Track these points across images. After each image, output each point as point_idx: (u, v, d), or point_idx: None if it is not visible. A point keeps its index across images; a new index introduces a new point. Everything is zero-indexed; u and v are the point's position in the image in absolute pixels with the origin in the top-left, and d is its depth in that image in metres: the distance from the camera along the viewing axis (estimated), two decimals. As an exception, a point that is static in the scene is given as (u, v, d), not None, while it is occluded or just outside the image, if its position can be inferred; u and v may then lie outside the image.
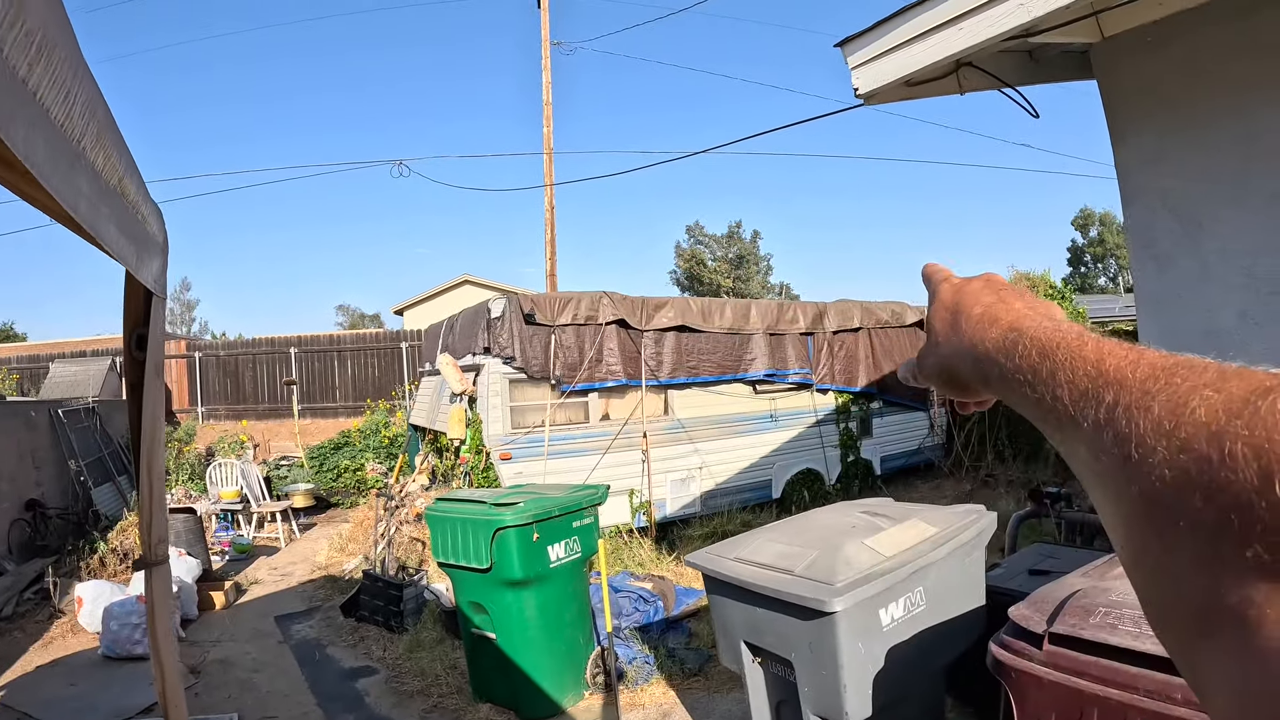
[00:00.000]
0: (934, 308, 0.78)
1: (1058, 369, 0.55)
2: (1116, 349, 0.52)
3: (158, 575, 2.55)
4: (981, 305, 0.71)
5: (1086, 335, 0.57)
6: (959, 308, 0.73)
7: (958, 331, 0.72)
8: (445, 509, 5.54)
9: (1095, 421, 0.49)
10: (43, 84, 1.27)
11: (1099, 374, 0.51)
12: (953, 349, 0.72)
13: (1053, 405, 0.55)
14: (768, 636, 3.89)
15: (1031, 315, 0.66)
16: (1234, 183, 3.78)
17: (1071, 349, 0.55)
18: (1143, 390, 0.46)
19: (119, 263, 1.92)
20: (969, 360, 0.69)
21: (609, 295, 9.89)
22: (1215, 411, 0.41)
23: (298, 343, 21.12)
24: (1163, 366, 0.47)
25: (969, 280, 0.77)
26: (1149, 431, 0.44)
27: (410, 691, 6.02)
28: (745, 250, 53.16)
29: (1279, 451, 0.36)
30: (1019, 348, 0.61)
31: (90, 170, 1.57)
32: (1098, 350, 0.53)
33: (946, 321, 0.75)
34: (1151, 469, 0.43)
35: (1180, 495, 0.41)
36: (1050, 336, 0.59)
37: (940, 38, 3.51)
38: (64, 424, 11.04)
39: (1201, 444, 0.40)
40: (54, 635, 7.51)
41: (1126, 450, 0.45)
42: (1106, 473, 0.48)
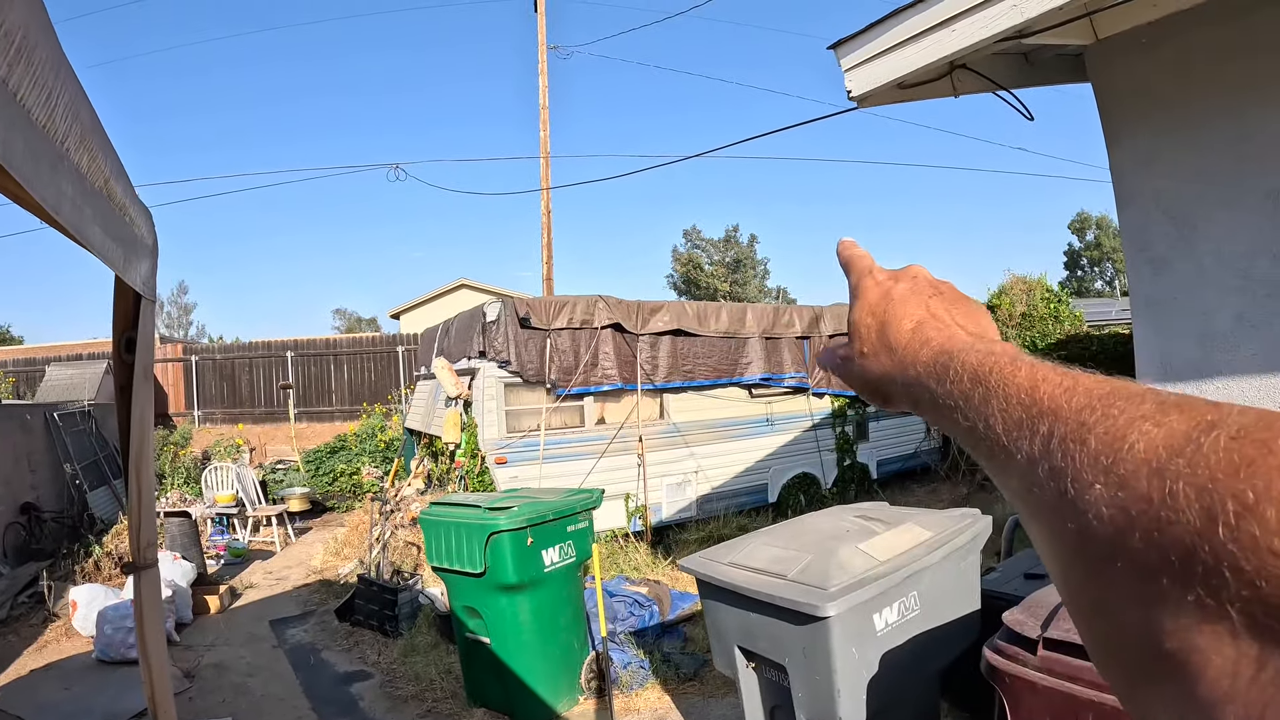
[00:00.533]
0: (858, 309, 0.74)
1: (990, 396, 0.53)
2: (1051, 375, 0.50)
3: (147, 579, 2.54)
4: (912, 320, 0.68)
5: (1020, 359, 0.54)
6: (887, 319, 0.70)
7: (887, 348, 0.68)
8: (440, 513, 5.53)
9: (1029, 454, 0.47)
10: (23, 85, 1.26)
11: (1032, 403, 0.49)
12: (881, 369, 0.69)
13: (985, 434, 0.53)
14: (762, 641, 3.88)
15: (962, 336, 0.64)
16: (1229, 184, 3.77)
17: (1004, 375, 0.53)
18: (1078, 421, 0.45)
19: (105, 264, 1.90)
20: (898, 382, 0.67)
21: (604, 299, 9.88)
22: (1155, 447, 0.39)
23: (294, 346, 21.11)
24: (1099, 395, 0.46)
25: (895, 280, 0.73)
26: (1085, 466, 0.42)
27: (405, 696, 6.00)
28: (742, 254, 53.20)
29: (1222, 493, 0.34)
30: (950, 372, 0.59)
31: (74, 172, 1.56)
32: (1031, 376, 0.51)
33: (873, 331, 0.71)
34: (1088, 506, 0.41)
35: (1119, 535, 0.39)
36: (982, 361, 0.56)
37: (933, 40, 3.51)
38: (60, 427, 11.02)
39: (1141, 482, 0.38)
40: (48, 639, 7.49)
41: (1062, 485, 0.43)
42: (1041, 507, 0.46)
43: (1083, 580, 0.43)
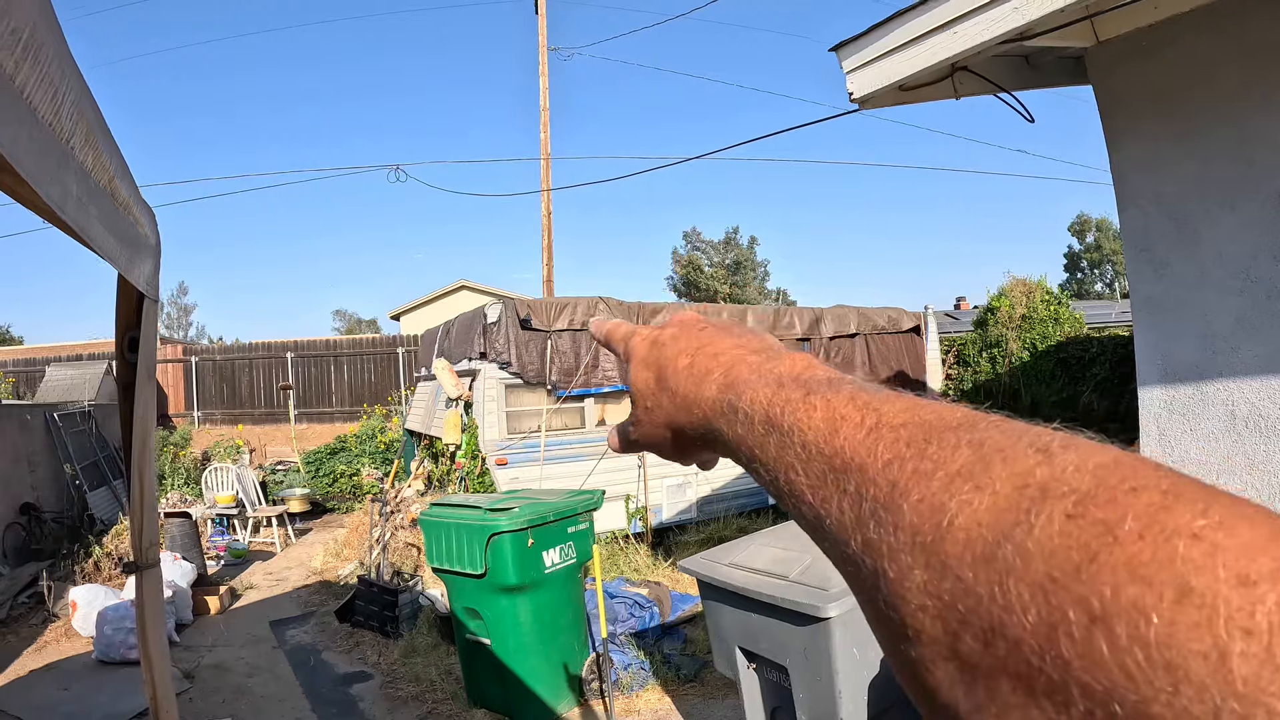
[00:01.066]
0: (631, 370, 0.64)
1: (786, 445, 0.44)
2: (850, 412, 0.42)
3: (149, 579, 2.54)
4: (686, 354, 0.59)
5: (814, 392, 0.45)
6: (662, 363, 0.61)
7: (667, 390, 0.59)
8: (440, 514, 5.53)
9: (838, 520, 0.39)
10: (30, 82, 1.26)
11: (833, 453, 0.41)
12: (666, 415, 0.59)
13: (788, 490, 0.44)
14: (762, 642, 3.88)
15: (747, 362, 0.54)
16: (1230, 186, 3.78)
17: (798, 416, 0.44)
18: (888, 482, 0.37)
19: (109, 263, 1.91)
20: (687, 426, 0.57)
21: (605, 301, 9.88)
22: (978, 526, 0.32)
23: (294, 347, 21.11)
24: (906, 438, 0.38)
25: (661, 329, 0.64)
26: (903, 545, 0.35)
27: (405, 697, 6.00)
28: (742, 256, 53.15)
29: (1062, 599, 0.28)
30: (739, 413, 0.50)
31: (79, 170, 1.56)
32: (829, 417, 0.42)
33: (649, 382, 0.61)
34: (910, 595, 0.34)
35: (949, 631, 0.32)
36: (772, 398, 0.47)
37: (935, 42, 3.52)
38: (60, 427, 11.02)
39: (967, 573, 0.31)
40: (48, 639, 7.49)
41: (879, 564, 0.36)
42: (860, 585, 0.38)
43: (914, 672, 0.35)
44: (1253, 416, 3.76)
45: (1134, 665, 0.26)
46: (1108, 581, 0.27)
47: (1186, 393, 4.02)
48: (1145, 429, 4.24)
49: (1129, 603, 0.26)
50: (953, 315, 22.62)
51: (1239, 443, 3.81)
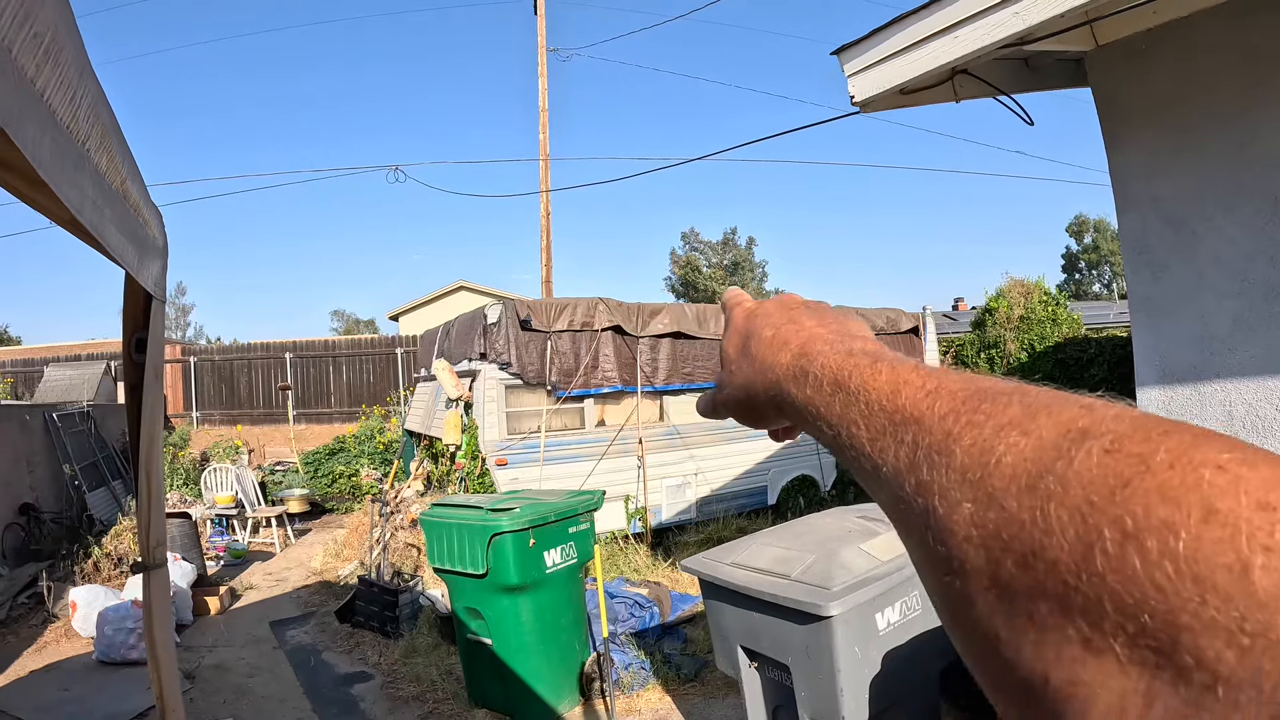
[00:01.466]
0: (727, 335, 0.71)
1: (851, 402, 0.49)
2: (913, 376, 0.47)
3: (156, 579, 2.56)
4: (772, 327, 0.64)
5: (881, 359, 0.51)
6: (750, 331, 0.66)
7: (748, 356, 0.65)
8: (441, 514, 5.55)
9: (894, 467, 0.44)
10: (50, 85, 1.28)
11: (895, 409, 0.45)
12: (745, 378, 0.65)
13: (849, 444, 0.49)
14: (764, 641, 3.90)
15: (824, 336, 0.60)
16: (1228, 188, 3.80)
17: (864, 379, 0.49)
18: (943, 431, 0.41)
19: (120, 265, 1.92)
20: (761, 389, 0.62)
21: (604, 301, 9.90)
22: (1023, 461, 0.36)
23: (293, 348, 21.12)
24: (963, 398, 0.42)
25: (763, 303, 0.70)
26: (954, 483, 0.39)
27: (405, 697, 6.01)
28: (740, 257, 53.20)
29: (1098, 518, 0.31)
30: (809, 376, 0.55)
31: (94, 172, 1.58)
32: (893, 380, 0.47)
33: (737, 347, 0.67)
34: (958, 527, 0.38)
35: (991, 561, 0.36)
36: (842, 364, 0.52)
37: (935, 46, 3.54)
38: (58, 428, 11.02)
39: (1011, 501, 0.35)
40: (48, 640, 7.49)
41: (929, 502, 0.40)
42: (910, 525, 0.42)
43: (959, 607, 0.39)
44: (1250, 417, 3.78)
45: (1163, 577, 0.29)
46: (1140, 503, 0.30)
47: (1184, 394, 4.04)
48: (1144, 430, 4.25)
49: (1160, 521, 0.29)
50: (951, 316, 22.66)
51: (1237, 443, 3.83)
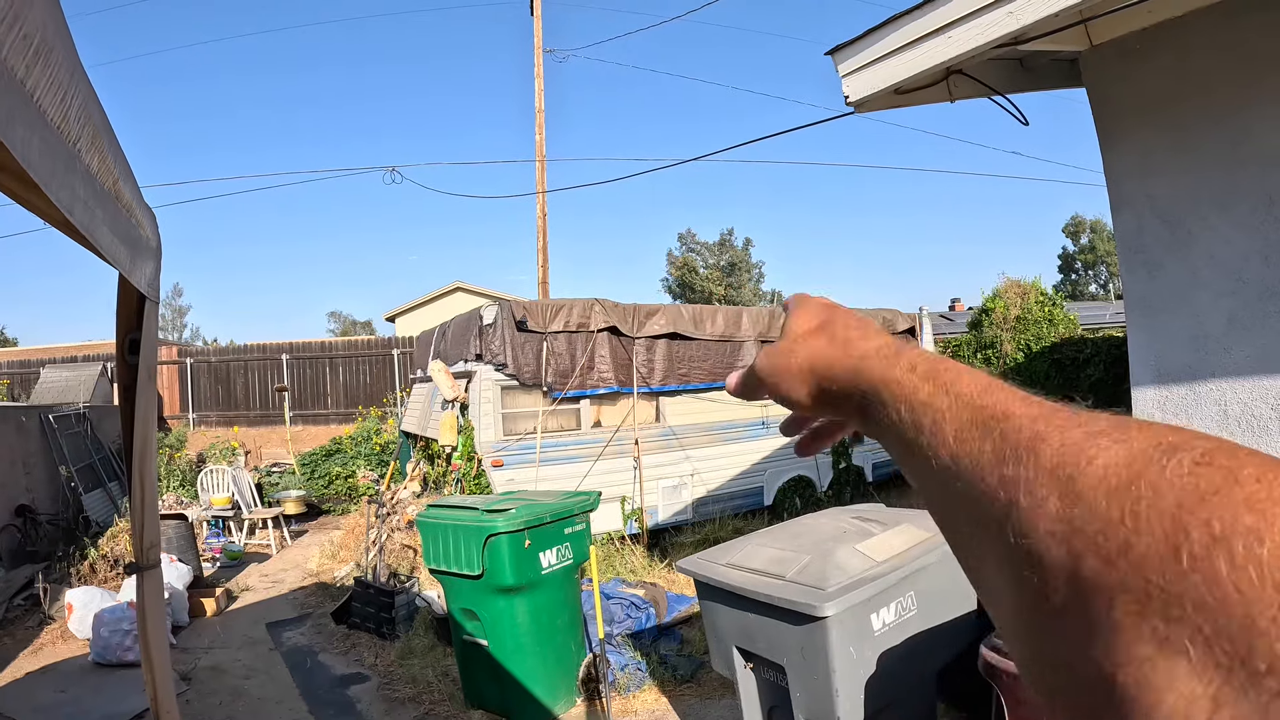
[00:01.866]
0: (790, 316, 0.70)
1: (937, 394, 0.50)
2: (1002, 385, 0.48)
3: (150, 580, 2.55)
4: (859, 325, 0.65)
5: (961, 366, 0.52)
6: (831, 316, 0.67)
7: (828, 334, 0.65)
8: (437, 515, 5.54)
9: (976, 460, 0.45)
10: (40, 86, 1.28)
11: (984, 405, 0.46)
12: (816, 353, 0.64)
13: (930, 431, 0.49)
14: (759, 642, 3.90)
15: (911, 348, 0.60)
16: (1222, 188, 3.81)
17: (958, 375, 0.51)
18: (1033, 431, 0.42)
19: (113, 266, 1.92)
20: (839, 367, 0.62)
21: (600, 302, 9.90)
22: (1116, 465, 0.37)
23: (289, 349, 21.09)
24: (1050, 406, 0.44)
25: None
26: (1041, 478, 0.39)
27: (402, 699, 6.01)
28: (737, 258, 53.22)
29: (1188, 521, 0.32)
30: (902, 359, 0.56)
31: (86, 173, 1.57)
32: (984, 383, 0.49)
33: (808, 323, 0.67)
34: (1041, 521, 0.38)
35: (1073, 556, 0.36)
36: (935, 361, 0.54)
37: (930, 46, 3.54)
38: (55, 429, 11.00)
39: (1100, 500, 0.36)
40: (44, 642, 7.48)
41: (1013, 495, 0.41)
42: (988, 520, 0.43)
43: (1030, 603, 0.40)
44: (1245, 416, 3.78)
45: (1246, 582, 0.30)
46: (1229, 510, 0.31)
47: (1179, 393, 4.05)
48: (1139, 429, 4.26)
49: (1246, 528, 0.31)
50: (947, 317, 22.69)
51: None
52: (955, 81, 4.18)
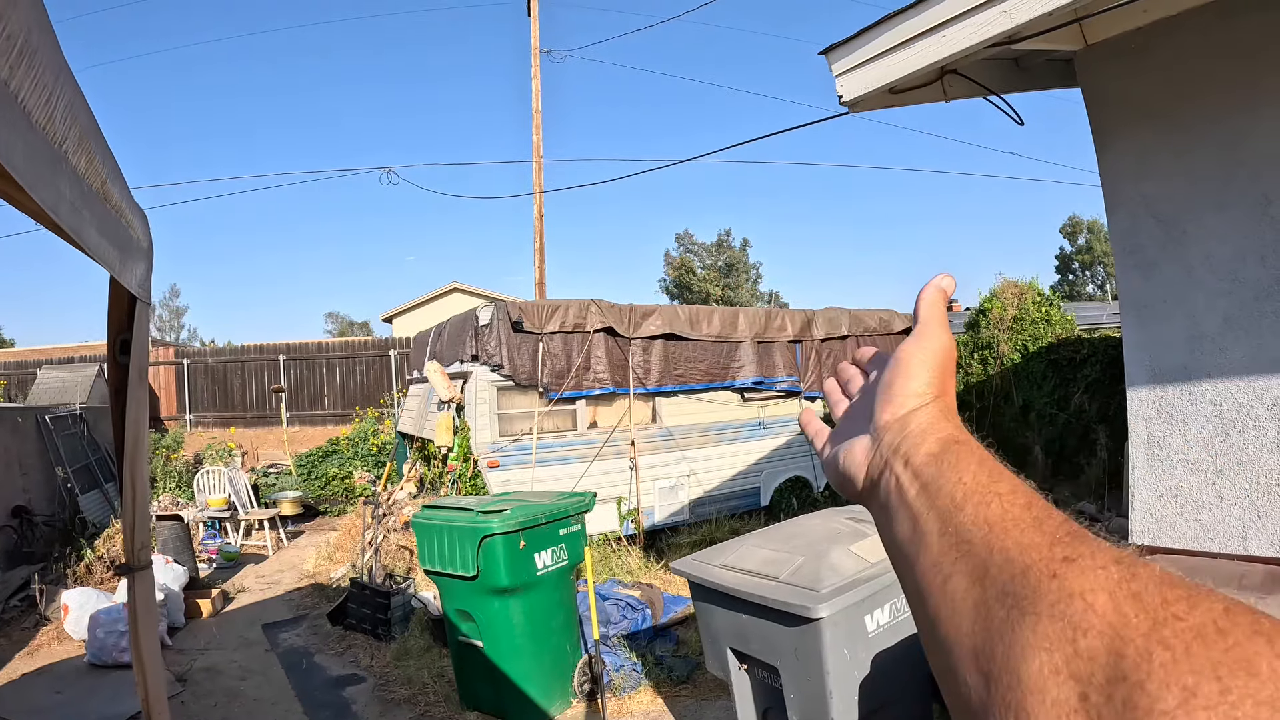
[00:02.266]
0: (941, 348, 0.67)
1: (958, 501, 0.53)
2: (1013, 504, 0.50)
3: (141, 580, 2.54)
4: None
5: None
6: (948, 384, 0.66)
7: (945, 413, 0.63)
8: (432, 516, 5.53)
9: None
10: (24, 87, 1.27)
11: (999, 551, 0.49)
12: (939, 423, 0.62)
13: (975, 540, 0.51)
14: (754, 643, 3.89)
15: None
16: (1217, 188, 3.81)
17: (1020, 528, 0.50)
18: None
19: (102, 266, 1.91)
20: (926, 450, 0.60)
21: (597, 303, 9.89)
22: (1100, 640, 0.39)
23: (286, 350, 21.08)
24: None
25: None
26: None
27: (397, 700, 6.00)
28: (734, 258, 53.18)
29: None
30: (948, 455, 0.57)
31: (72, 174, 1.57)
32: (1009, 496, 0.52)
33: (946, 384, 0.66)
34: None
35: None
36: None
37: (924, 45, 3.53)
38: (51, 430, 10.98)
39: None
40: (40, 643, 7.47)
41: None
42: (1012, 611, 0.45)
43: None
44: (1240, 416, 3.78)
45: None
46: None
47: (1175, 393, 4.05)
48: (1134, 429, 4.26)
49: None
50: (944, 317, 22.63)
51: (1227, 442, 3.84)
52: (950, 81, 4.18)
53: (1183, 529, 4.01)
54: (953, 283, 0.72)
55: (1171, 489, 4.06)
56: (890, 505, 0.60)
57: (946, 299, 0.71)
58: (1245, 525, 3.77)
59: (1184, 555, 3.82)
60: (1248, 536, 3.76)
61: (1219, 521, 3.87)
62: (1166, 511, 4.09)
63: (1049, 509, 0.50)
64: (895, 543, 0.59)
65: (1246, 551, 3.72)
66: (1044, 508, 0.50)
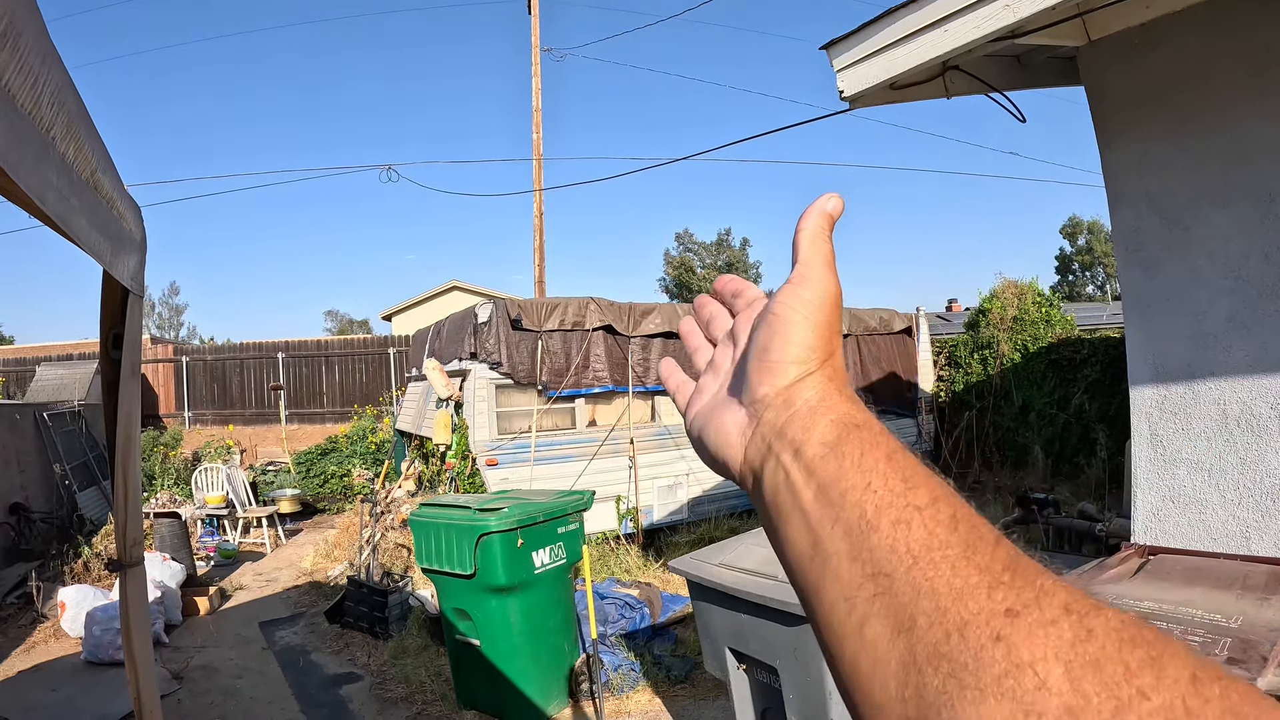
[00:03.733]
0: (822, 299, 0.55)
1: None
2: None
3: (133, 577, 2.52)
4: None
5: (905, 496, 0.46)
6: (837, 349, 0.56)
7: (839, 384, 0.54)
8: (430, 514, 5.51)
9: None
10: (8, 70, 1.25)
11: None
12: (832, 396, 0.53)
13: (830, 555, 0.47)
14: (752, 643, 3.87)
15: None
16: (1221, 186, 3.78)
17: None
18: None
19: (92, 257, 1.88)
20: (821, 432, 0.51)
21: (596, 301, 9.87)
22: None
23: (285, 348, 21.06)
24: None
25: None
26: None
27: (394, 698, 5.97)
28: (734, 258, 53.24)
29: None
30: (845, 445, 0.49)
31: (60, 161, 1.54)
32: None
33: (833, 344, 0.55)
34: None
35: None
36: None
37: (925, 40, 3.51)
38: (49, 427, 10.97)
39: None
40: (36, 640, 7.45)
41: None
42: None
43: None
44: (1244, 415, 3.76)
45: None
46: None
47: (1178, 392, 4.02)
48: (1137, 428, 4.24)
49: None
50: (944, 317, 22.66)
51: (1231, 442, 3.82)
52: (952, 77, 4.15)
53: (1185, 529, 3.98)
54: (840, 204, 0.59)
55: (1174, 488, 4.04)
56: (780, 506, 0.50)
57: (832, 226, 0.59)
58: (1249, 525, 3.75)
59: (1186, 555, 3.80)
60: (1251, 536, 3.74)
61: (1222, 521, 3.85)
62: (1169, 511, 4.06)
63: (975, 525, 0.43)
64: (790, 555, 0.50)
65: (1250, 551, 3.70)
66: (970, 525, 0.43)
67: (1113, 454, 10.38)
